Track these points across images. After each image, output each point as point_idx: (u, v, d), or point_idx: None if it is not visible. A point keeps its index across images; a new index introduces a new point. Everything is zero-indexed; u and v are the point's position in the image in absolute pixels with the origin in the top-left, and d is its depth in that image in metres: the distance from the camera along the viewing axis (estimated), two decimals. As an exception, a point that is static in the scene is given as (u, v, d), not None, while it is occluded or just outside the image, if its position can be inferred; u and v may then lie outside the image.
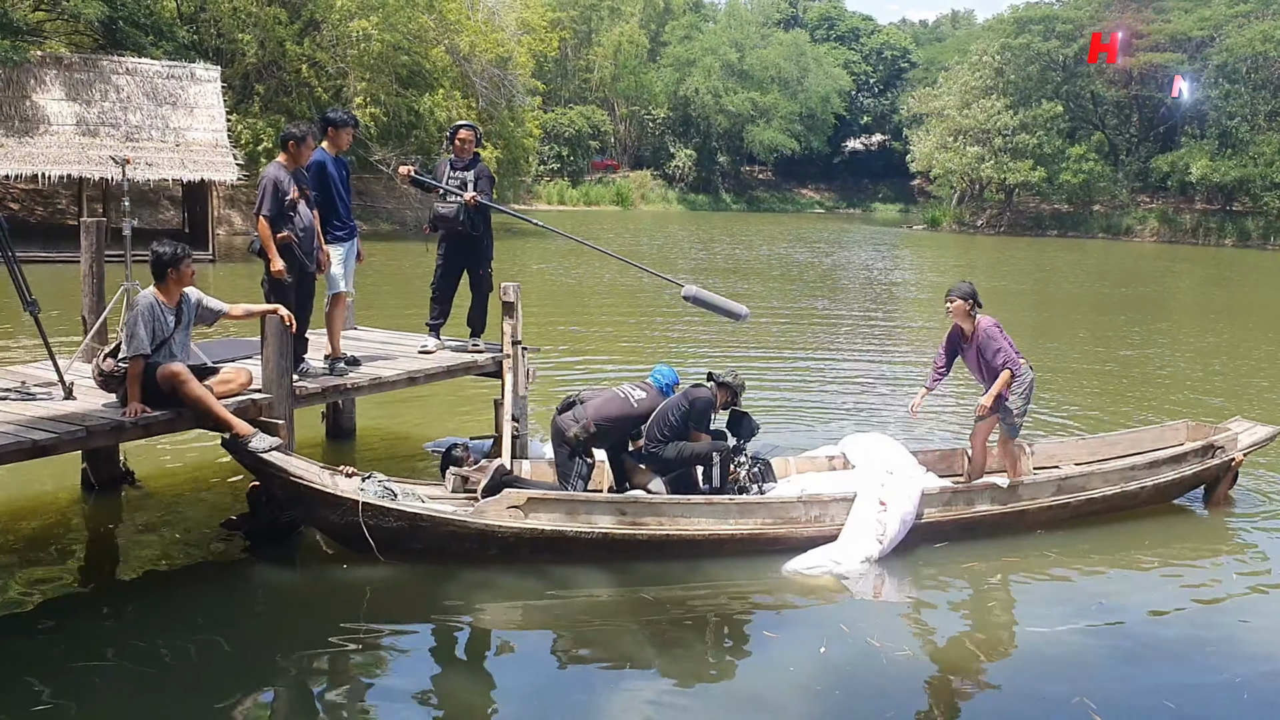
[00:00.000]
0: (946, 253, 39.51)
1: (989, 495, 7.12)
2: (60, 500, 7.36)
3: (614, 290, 22.35)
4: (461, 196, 7.95)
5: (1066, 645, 5.75)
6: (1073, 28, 51.18)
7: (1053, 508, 7.27)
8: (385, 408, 9.93)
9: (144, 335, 5.93)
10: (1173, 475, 7.67)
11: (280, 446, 6.13)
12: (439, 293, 8.34)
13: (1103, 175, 51.15)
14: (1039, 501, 7.23)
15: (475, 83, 35.08)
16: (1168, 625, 6.11)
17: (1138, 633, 5.98)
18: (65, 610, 5.79)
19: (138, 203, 29.89)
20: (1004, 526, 7.16)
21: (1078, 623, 6.04)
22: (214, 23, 31.23)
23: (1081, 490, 7.39)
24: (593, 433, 6.89)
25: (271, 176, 6.85)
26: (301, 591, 6.25)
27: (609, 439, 7.06)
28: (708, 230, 44.81)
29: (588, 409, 6.95)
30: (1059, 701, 5.07)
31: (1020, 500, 7.17)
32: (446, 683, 5.24)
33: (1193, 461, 7.78)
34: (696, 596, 6.23)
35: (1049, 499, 7.27)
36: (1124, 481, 7.52)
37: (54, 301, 14.06)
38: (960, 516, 7.03)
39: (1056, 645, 5.75)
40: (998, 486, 7.15)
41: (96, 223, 7.31)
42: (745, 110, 64.00)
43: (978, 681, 5.26)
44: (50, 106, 23.00)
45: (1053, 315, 21.28)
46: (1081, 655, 5.64)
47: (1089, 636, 5.88)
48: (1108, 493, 7.44)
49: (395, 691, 5.09)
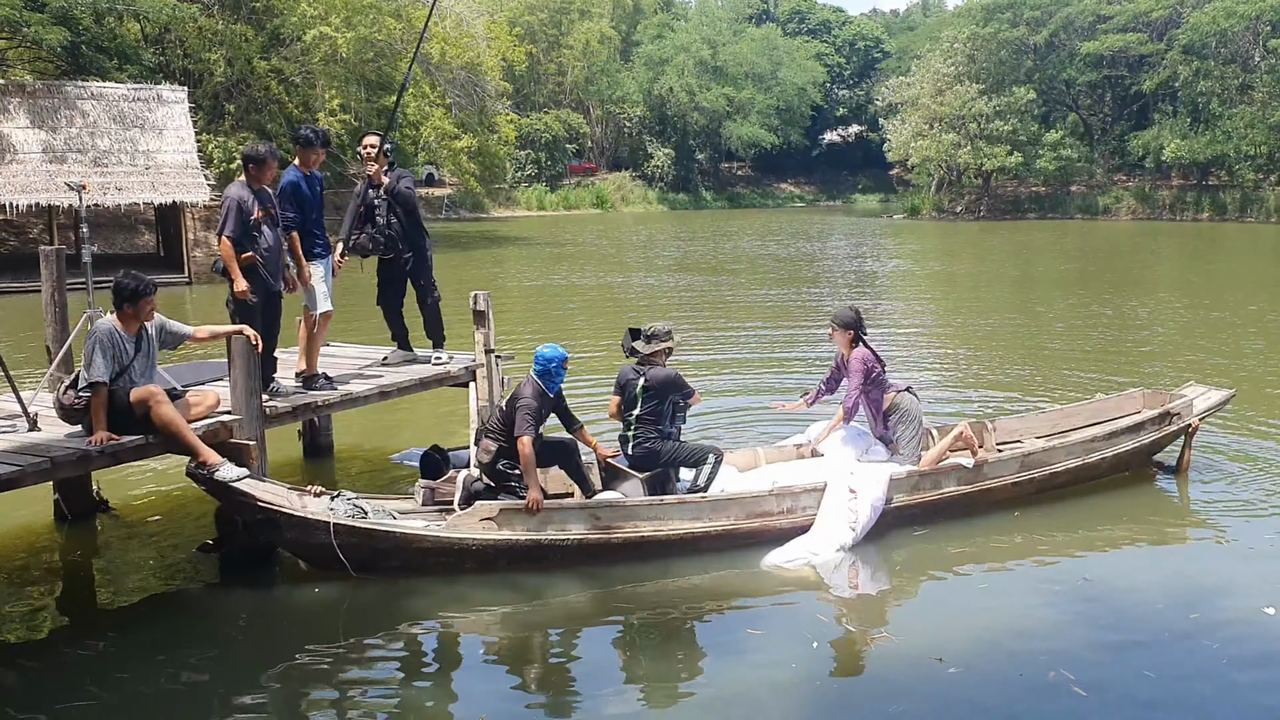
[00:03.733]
0: (926, 240, 39.63)
1: (955, 476, 7.21)
2: (34, 533, 7.29)
3: (596, 293, 22.30)
4: None
5: (1041, 620, 5.80)
6: (1040, 13, 51.38)
7: (1018, 484, 7.39)
8: (363, 423, 9.86)
9: (101, 363, 5.86)
10: (1132, 445, 7.82)
11: (247, 476, 6.05)
12: (385, 311, 8.29)
13: (1079, 157, 51.35)
14: (1004, 479, 7.34)
15: (446, 90, 35.02)
16: (1140, 595, 6.13)
17: (1111, 603, 6.04)
18: (44, 644, 5.73)
19: (112, 228, 29.70)
20: (972, 506, 7.26)
21: (1050, 597, 6.09)
22: (180, 44, 31.08)
23: (1044, 465, 7.50)
24: (492, 451, 6.66)
25: (234, 197, 6.80)
26: (280, 612, 6.19)
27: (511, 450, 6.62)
28: (689, 228, 44.83)
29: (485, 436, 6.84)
30: (1038, 675, 5.13)
31: (986, 479, 7.27)
32: (426, 697, 5.19)
33: (1150, 430, 7.92)
34: (677, 597, 6.21)
35: (1013, 476, 7.38)
36: (1085, 454, 7.65)
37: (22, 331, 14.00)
38: (928, 499, 7.11)
39: (1031, 620, 5.79)
40: (963, 467, 7.24)
41: (56, 251, 7.24)
42: (721, 106, 64.03)
43: (959, 662, 5.27)
44: (15, 135, 22.81)
45: (1027, 295, 21.45)
46: (1057, 629, 5.69)
47: (1062, 611, 5.92)
48: (1070, 465, 7.57)
49: (376, 708, 5.05)
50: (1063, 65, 52.97)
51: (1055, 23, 51.47)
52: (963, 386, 12.23)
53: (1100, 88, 55.45)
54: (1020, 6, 51.92)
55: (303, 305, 7.60)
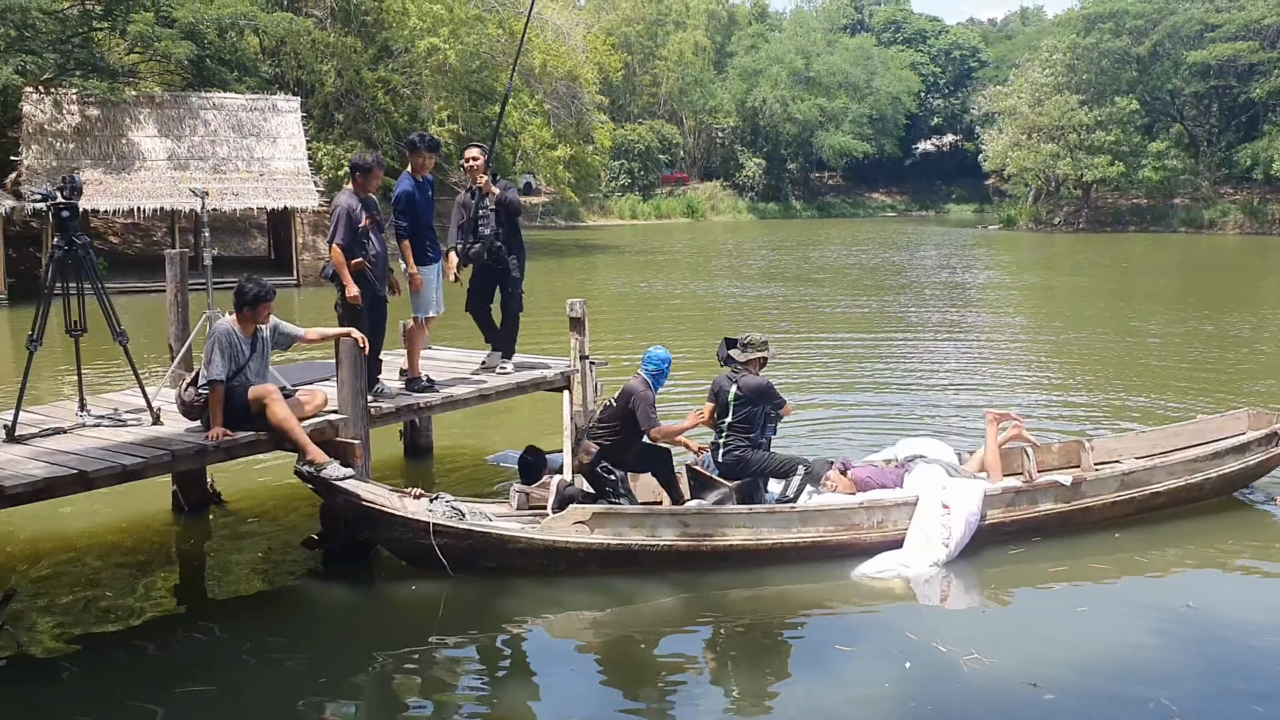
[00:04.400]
0: (1021, 251, 38.78)
1: (1052, 494, 7.07)
2: (153, 522, 7.69)
3: (688, 300, 22.42)
4: None
5: (1142, 646, 5.66)
6: (1143, 23, 49.78)
7: (1117, 503, 7.21)
8: (462, 424, 10.12)
9: (220, 362, 6.18)
10: (1237, 465, 7.58)
11: (351, 476, 6.30)
12: (477, 317, 8.40)
13: (1183, 169, 49.56)
14: (1103, 498, 7.18)
15: (545, 99, 35.60)
16: (1247, 623, 5.95)
17: (1216, 631, 5.86)
18: (161, 628, 6.04)
19: (227, 231, 30.93)
20: (1069, 525, 7.12)
21: (1151, 623, 5.94)
22: (294, 55, 32.24)
23: (1145, 485, 7.30)
24: (594, 453, 6.91)
25: (344, 205, 7.07)
26: (378, 607, 6.43)
27: (616, 451, 6.99)
28: (777, 237, 44.63)
29: (588, 436, 7.11)
30: (1139, 704, 4.99)
31: (1084, 497, 7.12)
32: (519, 696, 5.33)
33: (1256, 450, 7.66)
34: (766, 607, 6.25)
35: (1113, 495, 7.21)
36: (1188, 474, 7.43)
37: (147, 329, 14.72)
38: (1024, 516, 6.99)
39: (1131, 646, 5.65)
40: (1061, 484, 7.09)
41: (180, 254, 7.65)
42: (814, 116, 63.55)
43: (1054, 686, 5.17)
44: (144, 143, 24.06)
45: (1124, 309, 20.81)
46: (1158, 657, 5.54)
47: (1164, 637, 5.78)
48: (1172, 486, 7.35)
49: (469, 705, 5.22)
50: (1167, 75, 51.15)
51: (1159, 32, 49.70)
52: (1055, 404, 12.00)
53: (1206, 98, 53.35)
54: (1123, 16, 50.30)
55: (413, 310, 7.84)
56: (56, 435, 6.23)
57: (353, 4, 32.59)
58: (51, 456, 5.80)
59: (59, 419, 6.58)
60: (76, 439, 6.20)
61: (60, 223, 6.29)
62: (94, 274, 6.43)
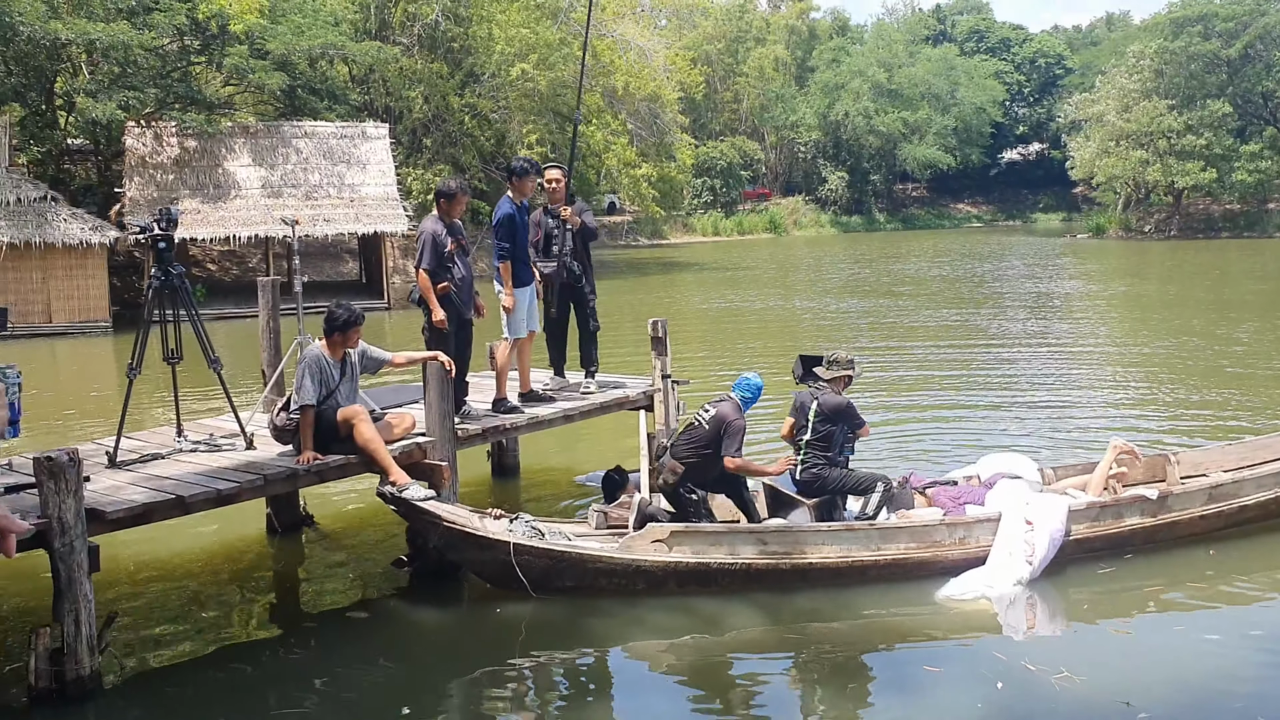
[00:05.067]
0: (1110, 260, 37.71)
1: (1138, 508, 6.91)
2: (249, 543, 7.91)
3: (769, 316, 22.26)
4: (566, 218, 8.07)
5: (1238, 665, 5.50)
6: (1234, 25, 48.01)
7: (1205, 517, 7.01)
8: (548, 443, 10.16)
9: (310, 386, 6.32)
10: None
11: (434, 497, 6.38)
12: (552, 338, 8.43)
13: (1277, 172, 47.61)
14: (1190, 511, 6.97)
15: (628, 120, 35.83)
16: None
17: None
18: (257, 647, 6.20)
19: (319, 256, 31.80)
20: (1155, 540, 6.94)
21: (1247, 640, 5.78)
22: (382, 83, 33.04)
23: (1234, 497, 7.08)
24: (680, 473, 6.85)
25: (429, 231, 7.20)
26: (465, 627, 6.50)
27: (699, 472, 6.91)
28: (859, 250, 44.14)
29: (670, 454, 7.00)
30: None
31: (1171, 511, 6.93)
32: (597, 715, 5.34)
33: None
34: (850, 628, 6.17)
35: (1200, 509, 7.00)
36: (1277, 486, 7.18)
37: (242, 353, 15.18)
38: (1109, 531, 6.84)
39: (1227, 664, 5.50)
40: (1146, 498, 6.93)
41: (272, 281, 7.87)
42: (897, 129, 62.79)
43: (1149, 708, 5.01)
44: (239, 172, 24.91)
45: (1214, 317, 20.07)
46: (1257, 676, 5.37)
47: (1261, 655, 5.61)
48: (1261, 499, 7.13)
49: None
50: (1259, 77, 49.31)
51: (1250, 34, 47.88)
52: (1142, 415, 11.69)
53: (1300, 99, 51.24)
54: (1212, 18, 48.61)
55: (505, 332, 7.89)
56: (155, 461, 6.45)
57: (439, 31, 33.27)
58: (150, 482, 6.00)
59: (158, 444, 6.81)
60: (174, 464, 6.41)
61: (158, 254, 6.53)
62: (190, 303, 6.65)
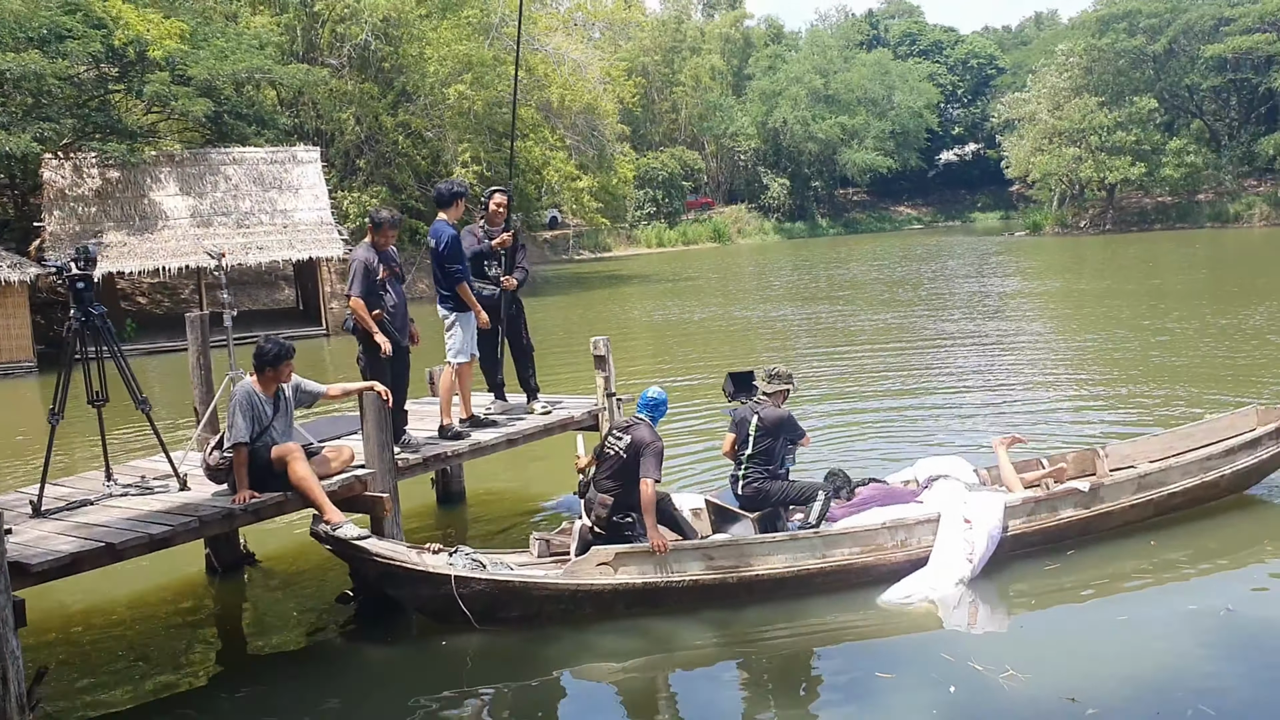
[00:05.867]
0: (1046, 257, 38.46)
1: (1071, 501, 7.08)
2: (188, 584, 7.70)
3: (714, 326, 22.30)
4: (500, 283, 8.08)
5: (1179, 654, 5.61)
6: (1157, 21, 49.38)
7: (1135, 506, 7.23)
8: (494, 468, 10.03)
9: (242, 424, 6.17)
10: (1250, 461, 7.60)
11: (368, 536, 6.24)
12: (485, 361, 8.28)
13: (1205, 164, 49.01)
14: (1121, 502, 7.18)
15: (566, 134, 35.80)
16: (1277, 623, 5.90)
17: (1256, 634, 5.78)
18: (201, 693, 6.02)
19: (254, 284, 31.26)
20: (1090, 531, 7.12)
21: (1188, 629, 5.90)
22: (312, 105, 32.64)
23: (1162, 485, 7.32)
24: (610, 505, 6.57)
25: (360, 259, 7.10)
26: (413, 660, 6.35)
27: (628, 497, 6.54)
28: (802, 257, 44.51)
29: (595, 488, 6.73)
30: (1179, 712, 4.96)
31: (1103, 502, 7.13)
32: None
33: (1268, 444, 7.68)
34: (799, 640, 6.18)
35: (1131, 498, 7.22)
36: (1203, 472, 7.45)
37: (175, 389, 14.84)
38: (1045, 525, 6.99)
39: (1168, 654, 5.61)
40: (1079, 491, 7.10)
41: (200, 317, 7.67)
42: (835, 135, 63.51)
43: (1094, 699, 5.10)
44: (166, 202, 24.32)
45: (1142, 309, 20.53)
46: (1196, 663, 5.48)
47: (1202, 643, 5.72)
48: (1188, 485, 7.38)
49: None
50: (1184, 71, 50.82)
51: (1174, 29, 49.31)
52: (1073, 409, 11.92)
53: (1225, 92, 52.86)
54: (1136, 15, 49.97)
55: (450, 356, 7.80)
56: (84, 507, 6.24)
57: (369, 51, 32.93)
58: (78, 530, 5.80)
59: (86, 490, 6.59)
60: (104, 510, 6.21)
61: (76, 294, 6.32)
62: (113, 342, 6.45)
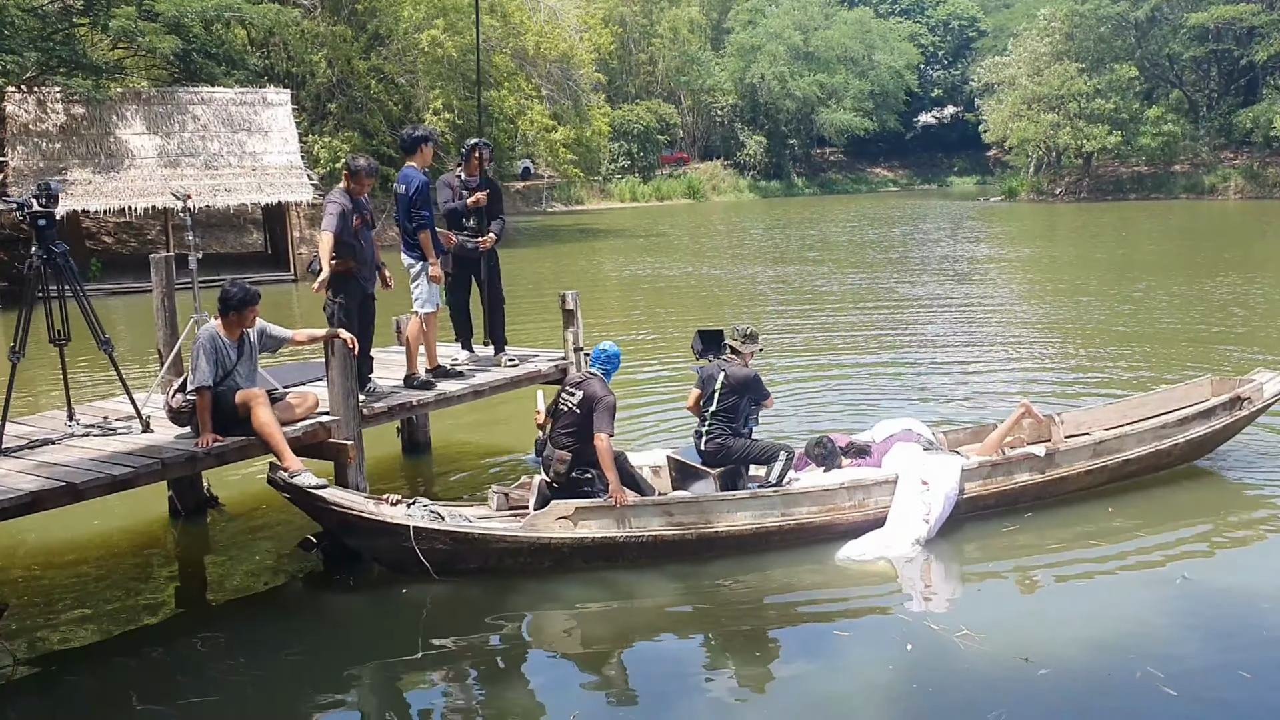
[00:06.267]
0: (1021, 223, 38.59)
1: (1027, 465, 7.22)
2: (151, 528, 7.67)
3: (686, 283, 22.30)
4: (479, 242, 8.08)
5: (1132, 618, 5.72)
6: (1141, -13, 49.35)
7: (1090, 472, 7.38)
8: (460, 418, 10.05)
9: (206, 368, 6.13)
10: (1204, 430, 7.78)
11: (326, 485, 6.24)
12: (456, 310, 8.35)
13: (1182, 134, 49.21)
14: (1077, 467, 7.33)
15: (541, 83, 35.36)
16: (1241, 592, 6.03)
17: (1209, 601, 5.94)
18: (160, 636, 6.02)
19: (222, 228, 30.83)
20: (1046, 495, 7.28)
21: (1143, 594, 6.05)
22: (283, 46, 31.97)
23: (1116, 452, 7.47)
24: (568, 460, 6.59)
25: (337, 201, 7.01)
26: (375, 608, 6.38)
27: (586, 453, 6.56)
28: (777, 216, 44.40)
29: (553, 444, 6.73)
30: (1125, 675, 5.09)
31: (1058, 467, 7.27)
32: (515, 695, 5.32)
33: (1221, 415, 7.85)
34: (759, 595, 6.27)
35: (1085, 464, 7.37)
36: (1157, 440, 7.62)
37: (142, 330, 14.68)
38: (1001, 489, 7.13)
39: (1122, 618, 5.72)
40: (1035, 455, 7.25)
41: (165, 259, 7.57)
42: (813, 94, 63.14)
43: (1047, 662, 5.22)
44: (133, 141, 23.84)
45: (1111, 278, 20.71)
46: (1140, 626, 5.61)
47: (1155, 609, 5.85)
48: (1142, 452, 7.54)
49: (465, 706, 5.22)
50: (1165, 40, 50.77)
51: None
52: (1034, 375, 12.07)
53: (1205, 62, 52.87)
54: (1120, -19, 49.86)
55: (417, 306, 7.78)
56: (45, 446, 6.20)
57: (343, -9, 32.32)
58: (40, 469, 5.77)
59: (48, 430, 6.55)
60: (65, 450, 6.17)
61: (38, 231, 6.23)
62: (75, 281, 6.37)
